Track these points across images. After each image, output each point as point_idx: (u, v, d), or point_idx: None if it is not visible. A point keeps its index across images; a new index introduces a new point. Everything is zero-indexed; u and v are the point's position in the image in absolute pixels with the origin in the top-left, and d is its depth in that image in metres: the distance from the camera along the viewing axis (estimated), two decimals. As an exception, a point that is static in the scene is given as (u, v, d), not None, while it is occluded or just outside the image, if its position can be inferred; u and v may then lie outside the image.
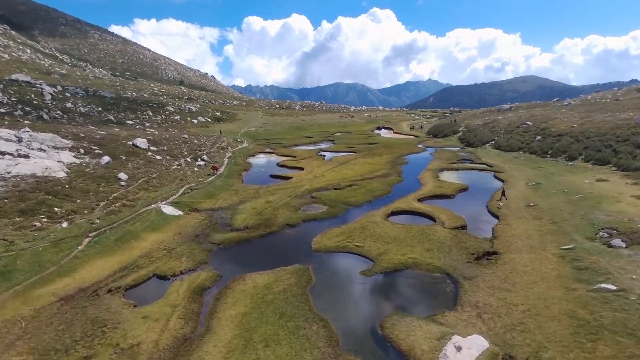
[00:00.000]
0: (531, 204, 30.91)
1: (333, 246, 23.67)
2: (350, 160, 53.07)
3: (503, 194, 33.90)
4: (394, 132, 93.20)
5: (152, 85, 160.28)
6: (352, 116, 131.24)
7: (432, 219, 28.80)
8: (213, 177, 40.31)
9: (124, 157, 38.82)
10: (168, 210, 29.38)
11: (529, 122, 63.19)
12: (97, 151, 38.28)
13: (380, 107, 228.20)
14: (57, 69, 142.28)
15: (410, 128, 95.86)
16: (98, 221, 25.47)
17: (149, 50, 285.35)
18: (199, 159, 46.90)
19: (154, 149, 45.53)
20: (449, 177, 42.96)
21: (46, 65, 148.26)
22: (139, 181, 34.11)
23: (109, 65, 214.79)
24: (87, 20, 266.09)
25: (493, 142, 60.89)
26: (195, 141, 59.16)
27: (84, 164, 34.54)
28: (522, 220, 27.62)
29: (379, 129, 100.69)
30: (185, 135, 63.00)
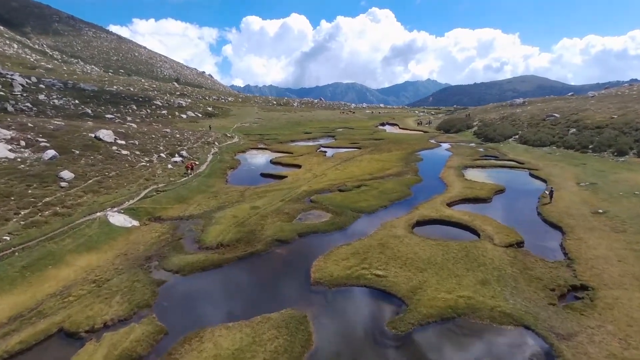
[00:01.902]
0: (600, 211, 23.45)
1: (342, 276, 16.17)
2: (356, 156, 45.60)
3: (550, 196, 26.62)
4: (400, 128, 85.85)
5: (142, 80, 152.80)
6: (354, 112, 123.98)
7: (474, 231, 21.36)
8: (190, 176, 32.76)
9: (77, 152, 31.26)
10: (118, 219, 21.86)
11: (556, 114, 55.86)
12: (43, 144, 30.74)
13: (382, 105, 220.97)
14: (43, 63, 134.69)
15: (418, 124, 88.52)
16: (8, 238, 17.96)
17: (144, 48, 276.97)
18: (177, 155, 39.36)
19: (122, 142, 37.99)
20: (476, 175, 35.55)
21: (32, 59, 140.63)
22: (89, 181, 26.57)
23: (103, 63, 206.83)
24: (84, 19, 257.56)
25: (517, 137, 53.52)
26: (178, 135, 51.64)
27: (19, 159, 26.97)
28: (597, 234, 20.20)
29: (382, 125, 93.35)
30: (168, 130, 55.51)
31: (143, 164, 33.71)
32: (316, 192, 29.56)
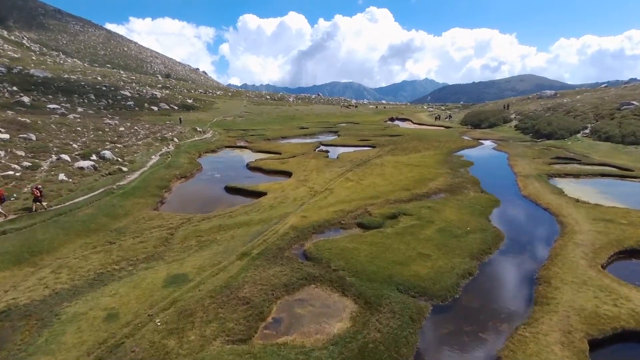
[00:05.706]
0: None
1: None
2: (372, 158, 31.29)
3: None
4: (414, 123, 71.78)
5: (121, 72, 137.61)
6: (356, 107, 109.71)
7: None
8: (95, 193, 18.25)
9: None
10: None
11: (635, 102, 41.90)
12: None
13: (384, 102, 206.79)
14: (10, 53, 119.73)
15: (436, 118, 74.31)
16: None
17: (135, 43, 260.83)
18: (93, 155, 24.80)
19: (4, 137, 23.55)
20: (578, 190, 21.35)
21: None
22: None
23: (89, 57, 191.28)
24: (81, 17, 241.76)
25: (587, 131, 39.45)
26: (121, 129, 37.14)
27: None
28: None
29: (392, 120, 79.23)
30: (111, 122, 40.99)
31: (11, 172, 19.20)
32: (315, 231, 15.23)
